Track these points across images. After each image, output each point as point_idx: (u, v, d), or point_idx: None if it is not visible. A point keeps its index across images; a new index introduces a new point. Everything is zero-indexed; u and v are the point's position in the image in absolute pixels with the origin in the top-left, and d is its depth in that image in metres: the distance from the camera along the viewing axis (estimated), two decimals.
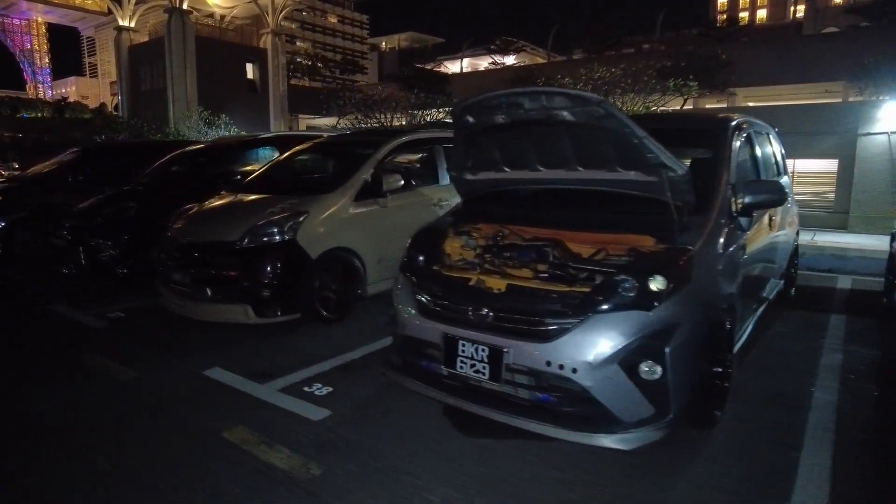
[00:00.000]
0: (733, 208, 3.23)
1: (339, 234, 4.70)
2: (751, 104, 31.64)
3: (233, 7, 44.18)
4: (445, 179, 5.81)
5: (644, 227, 3.00)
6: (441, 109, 24.14)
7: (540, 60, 48.63)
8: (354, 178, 4.92)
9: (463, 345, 2.78)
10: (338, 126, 36.60)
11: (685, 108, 19.24)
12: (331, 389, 3.40)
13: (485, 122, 3.19)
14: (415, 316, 3.05)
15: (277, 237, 4.35)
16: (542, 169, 3.33)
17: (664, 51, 30.39)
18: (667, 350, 2.49)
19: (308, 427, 2.94)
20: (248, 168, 7.06)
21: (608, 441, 2.50)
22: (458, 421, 3.00)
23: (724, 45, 29.67)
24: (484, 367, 2.72)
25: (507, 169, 3.46)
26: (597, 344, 2.50)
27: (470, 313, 2.79)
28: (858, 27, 31.52)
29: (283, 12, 42.29)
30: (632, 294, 2.55)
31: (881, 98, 15.35)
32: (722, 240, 3.02)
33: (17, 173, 11.15)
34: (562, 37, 40.18)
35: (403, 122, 23.92)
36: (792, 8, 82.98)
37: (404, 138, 5.52)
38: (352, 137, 6.21)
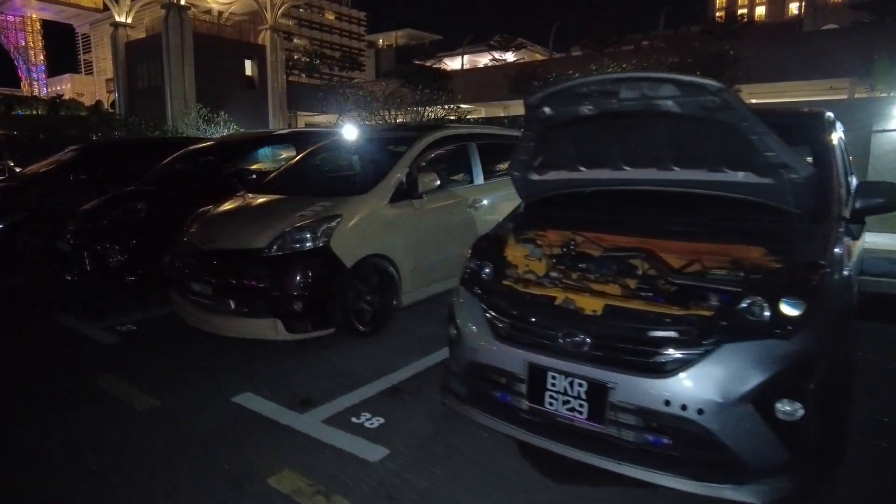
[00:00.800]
0: (846, 214, 2.83)
1: (374, 239, 4.27)
2: (753, 101, 31.39)
3: (231, 3, 43.57)
4: (479, 179, 5.40)
5: (752, 236, 2.59)
6: (445, 106, 23.74)
7: (539, 57, 48.24)
8: (389, 178, 4.49)
9: (553, 377, 2.35)
10: (337, 123, 36.16)
11: None
12: (382, 420, 2.97)
13: (566, 114, 2.76)
14: (486, 339, 2.62)
15: (309, 244, 3.91)
16: (627, 168, 2.91)
17: (669, 47, 30.06)
18: (809, 385, 2.08)
19: (367, 471, 2.51)
20: (264, 167, 6.63)
21: (738, 494, 2.08)
22: (539, 461, 2.58)
23: (729, 41, 29.34)
24: (581, 405, 2.29)
25: (582, 168, 3.04)
26: (729, 379, 2.08)
27: (561, 339, 2.37)
28: (864, 23, 31.18)
29: (282, 8, 41.72)
30: (765, 318, 2.13)
31: (893, 94, 15.03)
32: (840, 252, 2.60)
33: (17, 171, 10.55)
34: (561, 34, 39.71)
35: (403, 120, 23.50)
36: (790, 5, 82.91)
37: (439, 134, 5.09)
38: (380, 133, 5.77)
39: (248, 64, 40.19)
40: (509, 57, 50.61)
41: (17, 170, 9.46)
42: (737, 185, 2.66)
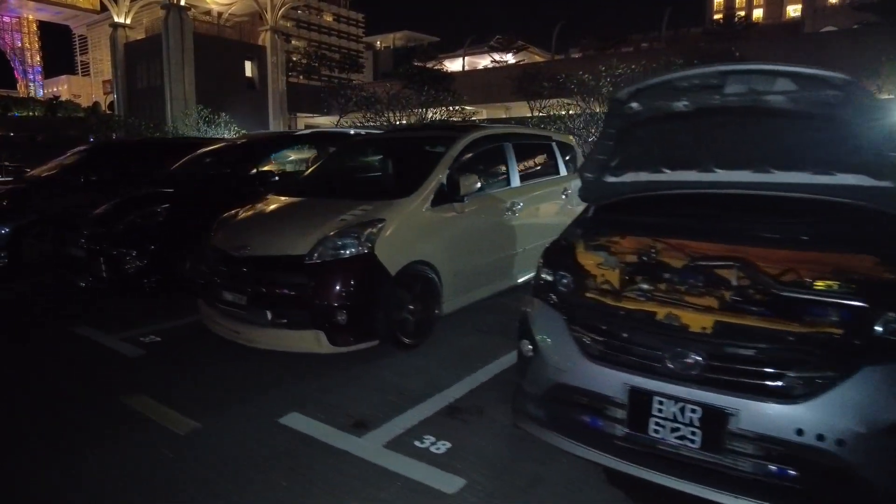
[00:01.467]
0: None
1: (417, 245, 4.02)
2: None
3: (230, 4, 43.29)
4: (516, 181, 5.16)
5: (857, 243, 2.36)
6: (450, 108, 23.50)
7: (538, 59, 48.11)
8: (430, 180, 4.24)
9: (660, 402, 2.11)
10: (338, 125, 35.87)
11: None
12: (449, 445, 2.72)
13: (656, 110, 2.53)
14: (574, 359, 2.38)
15: (353, 250, 3.66)
16: (717, 170, 2.68)
17: (673, 48, 29.91)
18: None
19: None
20: (287, 168, 6.39)
21: None
22: (632, 491, 2.34)
23: (732, 42, 29.27)
24: (694, 433, 2.05)
25: (666, 169, 2.81)
26: (874, 406, 1.84)
27: (668, 361, 2.12)
28: (870, 24, 31.08)
29: (283, 9, 41.48)
30: None
31: None
32: None
33: (28, 171, 10.23)
34: (560, 36, 39.50)
35: (406, 122, 23.26)
36: (787, 7, 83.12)
37: (477, 134, 4.84)
38: (413, 133, 5.50)
39: (248, 65, 39.95)
40: (509, 58, 50.45)
41: (28, 170, 9.13)
42: (845, 189, 2.43)
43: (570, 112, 19.60)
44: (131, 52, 37.67)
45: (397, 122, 22.60)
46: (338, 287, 3.56)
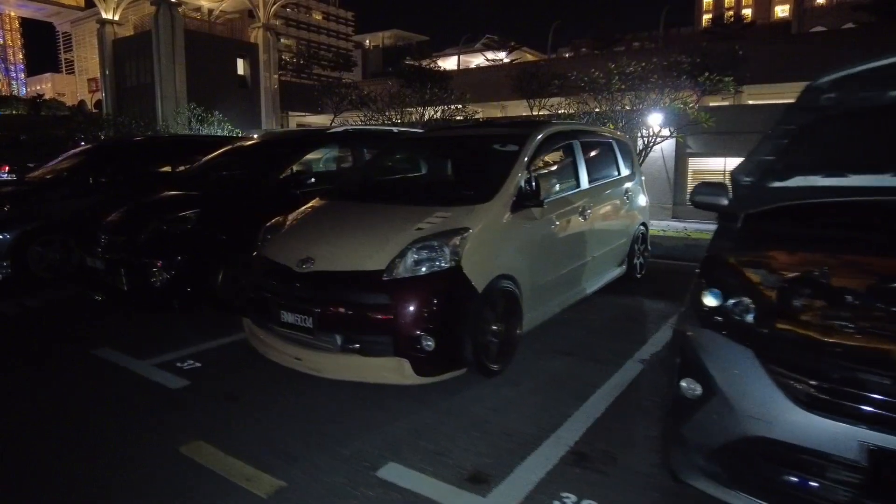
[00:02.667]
0: None
1: (501, 256, 3.52)
2: (750, 102, 31.24)
3: (221, 1, 42.38)
4: (585, 182, 4.68)
5: None
6: (450, 107, 22.97)
7: (530, 58, 47.79)
8: (509, 183, 3.74)
9: None
10: (332, 124, 35.22)
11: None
12: None
13: (861, 101, 2.06)
14: (775, 405, 1.90)
15: (438, 264, 3.15)
16: None
17: (674, 46, 29.64)
18: None
19: None
20: (325, 170, 5.85)
21: None
22: None
23: (730, 41, 29.01)
24: None
25: (850, 173, 2.34)
26: None
27: None
28: (871, 24, 31.09)
29: (275, 6, 40.68)
30: None
31: None
32: None
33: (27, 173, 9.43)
34: (546, 34, 39.18)
35: (400, 121, 22.66)
36: (775, 8, 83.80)
37: (549, 131, 4.35)
38: (475, 130, 4.96)
39: (240, 63, 39.09)
40: (501, 57, 50.12)
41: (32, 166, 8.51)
42: None
43: (572, 111, 19.18)
44: (120, 49, 36.68)
45: (396, 122, 22.05)
46: (424, 308, 3.05)
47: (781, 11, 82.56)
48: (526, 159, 3.94)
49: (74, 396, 3.30)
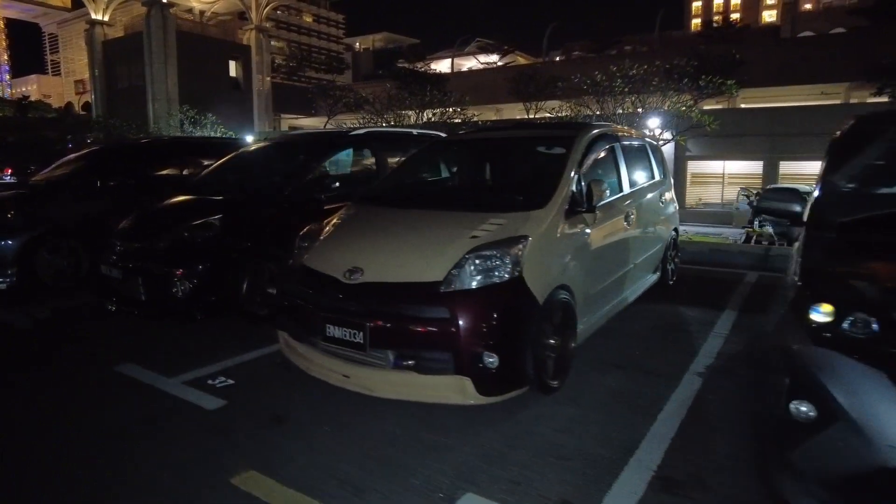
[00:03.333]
0: None
1: (558, 266, 3.33)
2: (743, 105, 31.40)
3: (213, 2, 41.93)
4: (627, 186, 4.51)
5: None
6: (447, 109, 22.77)
7: (522, 61, 47.79)
8: (562, 187, 3.54)
9: None
10: (326, 127, 34.91)
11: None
12: None
13: None
14: None
15: (499, 274, 2.95)
16: None
17: (670, 50, 29.72)
18: None
19: None
20: (352, 173, 5.63)
21: None
22: None
23: (728, 45, 29.16)
24: None
25: None
26: None
27: None
28: (869, 27, 31.31)
29: (268, 8, 40.32)
30: None
31: None
32: None
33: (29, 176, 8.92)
34: (539, 39, 39.26)
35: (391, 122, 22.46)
36: (763, 13, 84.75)
37: (594, 132, 4.17)
38: (513, 132, 4.75)
39: (232, 64, 38.69)
40: (493, 59, 50.11)
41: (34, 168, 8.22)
42: None
43: (572, 114, 19.09)
44: (110, 50, 36.17)
45: (392, 124, 21.83)
46: (488, 322, 2.84)
47: (769, 16, 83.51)
48: (576, 163, 3.75)
49: (103, 421, 3.05)
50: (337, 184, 5.06)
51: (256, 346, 4.07)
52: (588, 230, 3.69)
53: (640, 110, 16.52)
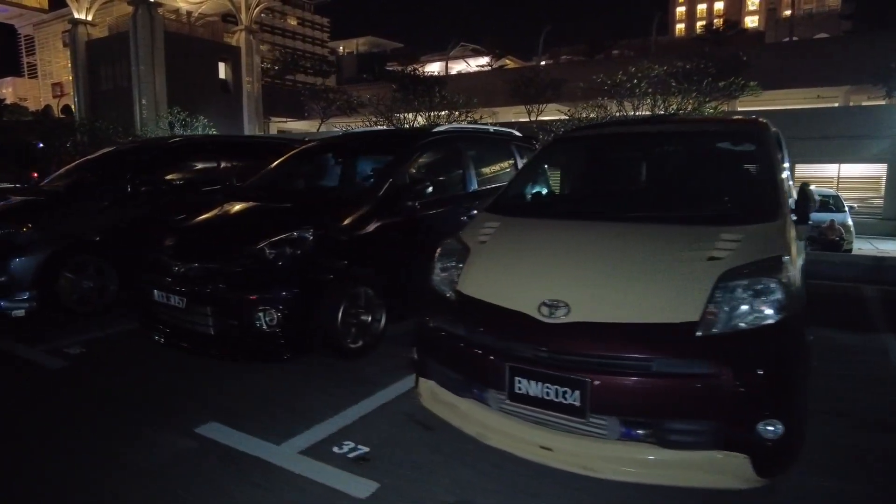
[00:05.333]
0: None
1: (802, 293, 2.56)
2: (740, 108, 31.27)
3: (200, 3, 40.64)
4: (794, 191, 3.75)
5: None
6: (460, 112, 22.03)
7: (511, 65, 47.36)
8: (781, 193, 2.78)
9: None
10: (319, 131, 33.91)
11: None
12: None
13: None
14: None
15: (767, 310, 2.16)
16: None
17: (672, 52, 29.40)
18: None
19: None
20: (440, 176, 4.79)
21: None
22: None
23: (727, 48, 28.93)
24: None
25: None
26: None
27: None
28: (875, 31, 31.34)
29: (258, 8, 39.20)
30: None
31: None
32: None
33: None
34: (526, 43, 38.73)
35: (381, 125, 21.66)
36: (746, 18, 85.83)
37: (773, 127, 3.41)
38: (675, 127, 3.91)
39: (221, 66, 37.46)
40: (483, 62, 49.67)
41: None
42: None
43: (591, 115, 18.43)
44: (94, 51, 34.73)
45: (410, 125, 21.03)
46: (770, 377, 2.05)
47: (751, 22, 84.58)
48: (780, 163, 3.00)
49: None
50: (430, 189, 4.24)
51: (365, 393, 3.24)
52: (801, 245, 2.93)
53: (661, 111, 15.99)
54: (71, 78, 40.96)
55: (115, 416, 3.04)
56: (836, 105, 28.13)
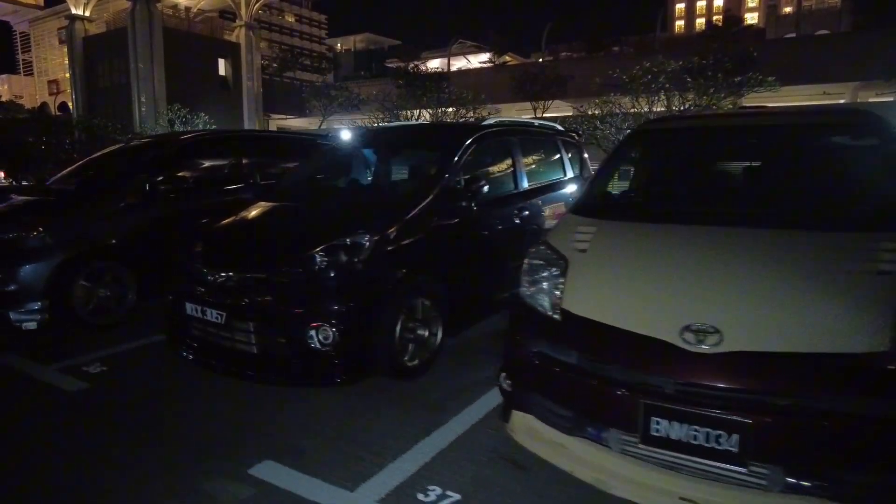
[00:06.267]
0: None
1: None
2: (746, 104, 30.92)
3: None
4: None
5: None
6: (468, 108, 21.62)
7: (511, 61, 46.97)
8: None
9: None
10: (321, 128, 33.42)
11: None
12: None
13: None
14: None
15: None
16: None
17: (677, 48, 29.01)
18: None
19: None
20: (490, 174, 4.39)
21: None
22: None
23: (735, 45, 28.58)
24: None
25: None
26: None
27: None
28: (885, 26, 31.03)
29: (258, 4, 38.67)
30: None
31: None
32: None
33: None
34: (524, 40, 38.30)
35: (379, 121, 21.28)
36: (745, 15, 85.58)
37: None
38: (777, 118, 3.47)
39: (221, 63, 36.97)
40: (484, 58, 49.28)
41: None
42: None
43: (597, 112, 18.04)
44: (91, 47, 34.19)
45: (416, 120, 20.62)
46: None
47: (751, 18, 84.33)
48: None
49: None
50: (486, 187, 3.83)
51: (436, 422, 2.83)
52: None
53: (681, 108, 15.62)
54: (67, 75, 40.43)
55: (149, 453, 2.63)
56: (843, 101, 27.81)
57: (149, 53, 31.02)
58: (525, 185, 4.52)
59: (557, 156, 5.26)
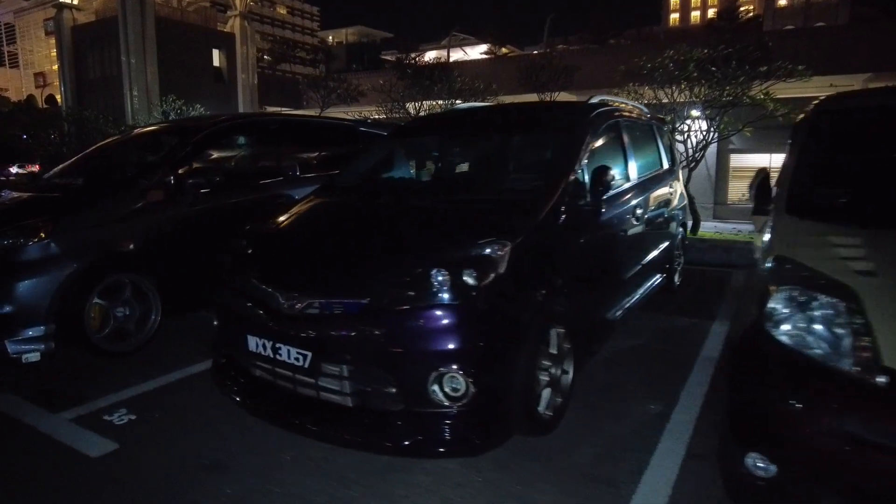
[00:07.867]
0: None
1: None
2: (760, 96, 30.32)
3: None
4: None
5: None
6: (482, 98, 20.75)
7: (507, 52, 46.22)
8: None
9: None
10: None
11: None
12: None
13: None
14: None
15: None
16: None
17: (684, 39, 28.24)
18: None
19: None
20: (612, 168, 3.54)
21: None
22: None
23: (754, 34, 27.88)
24: None
25: None
26: None
27: None
28: (868, 19, 30.49)
29: None
30: None
31: None
32: None
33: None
34: (521, 31, 37.53)
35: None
36: (740, 8, 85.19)
37: None
38: None
39: (215, 54, 35.80)
40: (482, 50, 48.52)
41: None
42: None
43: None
44: (80, 37, 32.90)
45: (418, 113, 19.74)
46: None
47: (748, 12, 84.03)
48: None
49: None
50: (614, 180, 3.01)
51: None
52: None
53: (698, 99, 14.86)
54: (55, 67, 39.06)
55: None
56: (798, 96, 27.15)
57: (140, 44, 29.81)
58: (635, 176, 3.72)
59: (655, 142, 4.46)
